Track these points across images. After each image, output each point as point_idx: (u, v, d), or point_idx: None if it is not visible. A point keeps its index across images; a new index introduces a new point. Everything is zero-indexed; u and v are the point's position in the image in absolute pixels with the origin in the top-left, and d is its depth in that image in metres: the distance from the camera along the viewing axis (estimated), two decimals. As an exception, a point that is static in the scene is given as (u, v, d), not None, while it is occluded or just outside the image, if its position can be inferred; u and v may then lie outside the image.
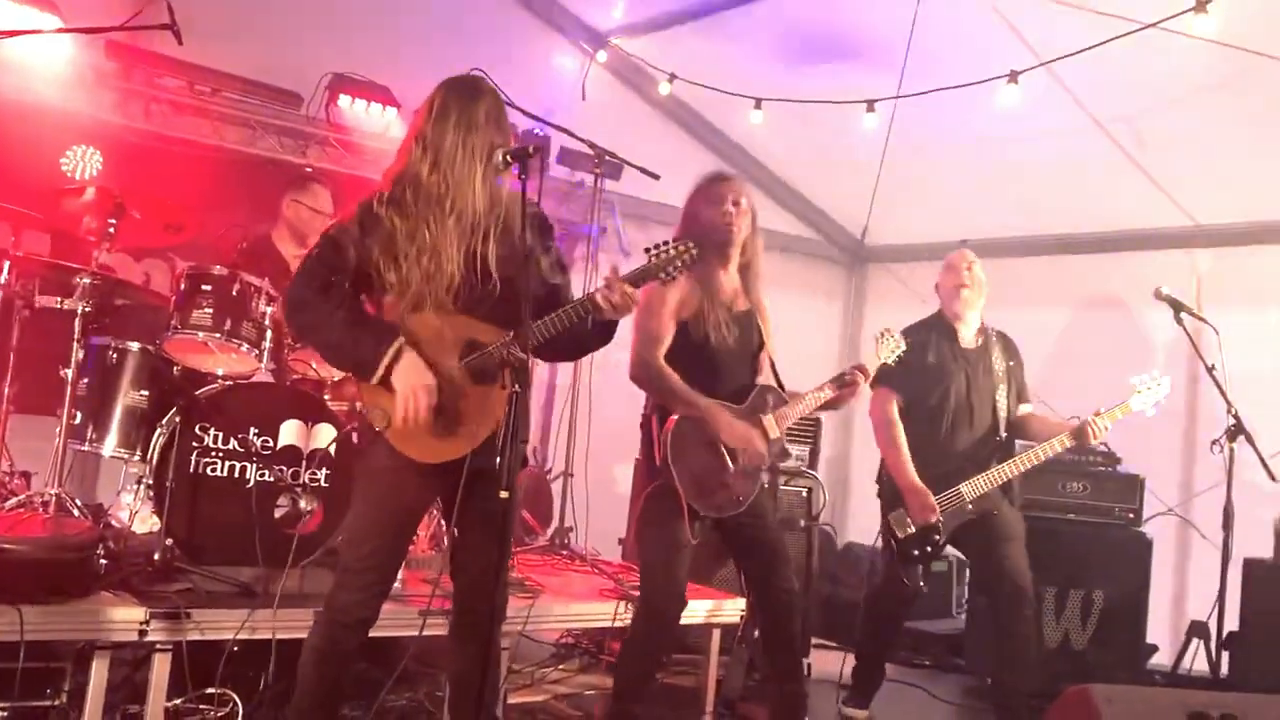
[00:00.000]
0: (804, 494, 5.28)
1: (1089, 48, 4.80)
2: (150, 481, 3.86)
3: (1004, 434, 4.53)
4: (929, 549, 4.36)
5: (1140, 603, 5.18)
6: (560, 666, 4.80)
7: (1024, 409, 4.65)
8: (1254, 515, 4.70)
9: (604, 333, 3.04)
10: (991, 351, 4.59)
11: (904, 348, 4.10)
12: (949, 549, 5.98)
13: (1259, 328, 5.23)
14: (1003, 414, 4.52)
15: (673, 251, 3.03)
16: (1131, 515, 5.26)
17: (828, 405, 3.95)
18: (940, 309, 4.65)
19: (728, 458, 3.70)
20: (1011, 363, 4.63)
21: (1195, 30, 4.62)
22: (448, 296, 2.86)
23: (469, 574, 2.95)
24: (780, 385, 3.94)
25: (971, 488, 4.33)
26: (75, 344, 4.02)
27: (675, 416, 3.66)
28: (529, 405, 2.92)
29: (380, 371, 2.79)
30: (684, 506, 3.60)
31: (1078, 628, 5.17)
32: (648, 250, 3.06)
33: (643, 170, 5.37)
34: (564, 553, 5.17)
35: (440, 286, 2.84)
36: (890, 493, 4.45)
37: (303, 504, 3.93)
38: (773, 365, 3.96)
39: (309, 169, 5.39)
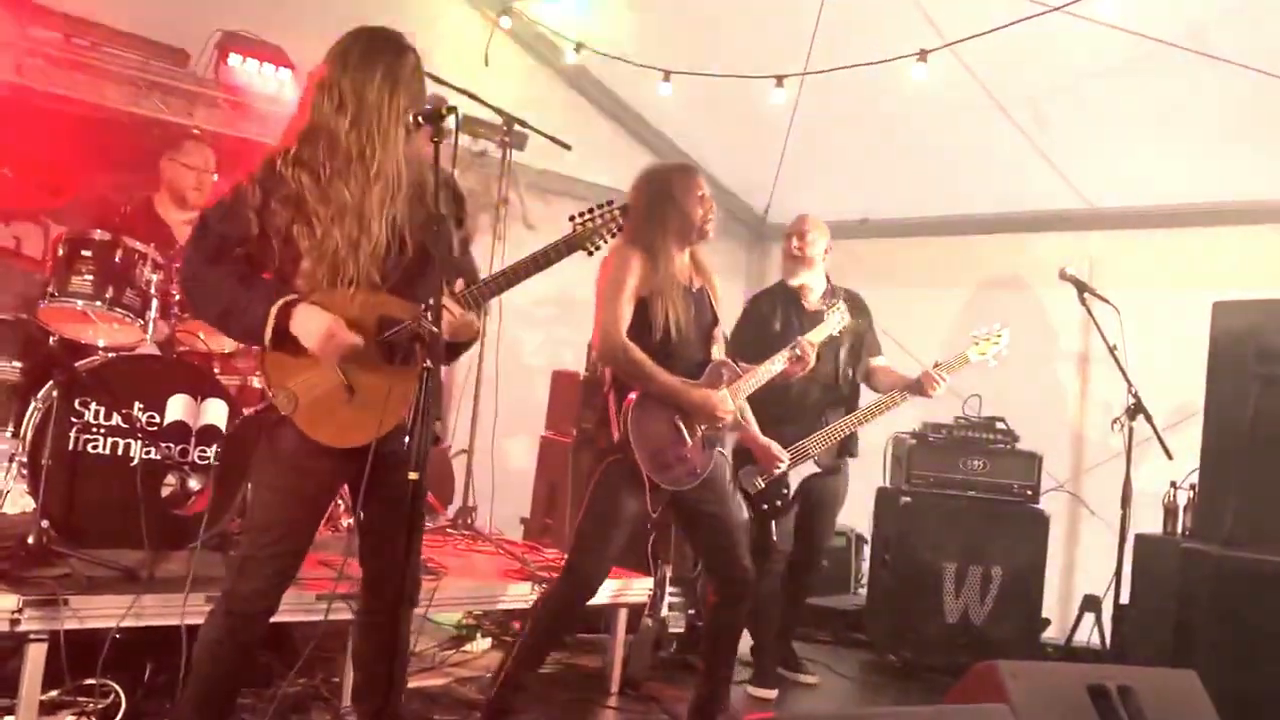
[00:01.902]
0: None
1: (997, 28, 4.83)
2: (24, 460, 3.61)
3: (844, 389, 4.80)
4: (779, 502, 4.55)
5: (1037, 578, 5.29)
6: (462, 649, 4.68)
7: (877, 362, 4.94)
8: (1142, 492, 4.83)
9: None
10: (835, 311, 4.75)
11: (849, 318, 4.29)
12: (850, 525, 6.14)
13: (1147, 310, 5.36)
14: (843, 369, 4.78)
15: (599, 220, 2.93)
16: (1029, 492, 5.36)
17: (780, 377, 4.03)
18: (782, 277, 4.92)
19: (685, 432, 3.72)
20: (859, 320, 4.82)
21: (1099, 15, 4.70)
22: (373, 263, 2.68)
23: (379, 559, 2.82)
24: (733, 358, 3.95)
25: (816, 442, 4.58)
26: (-62, 312, 3.75)
27: (634, 394, 3.64)
28: (440, 382, 2.79)
29: (269, 330, 2.61)
30: (645, 481, 3.61)
31: (976, 603, 5.25)
32: (572, 219, 2.95)
33: (555, 140, 5.24)
34: (467, 533, 5.04)
35: (364, 252, 2.66)
36: (739, 450, 4.56)
37: (191, 483, 3.73)
38: (724, 337, 3.98)
39: (196, 130, 5.11)
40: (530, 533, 5.64)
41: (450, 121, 2.69)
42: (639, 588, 4.44)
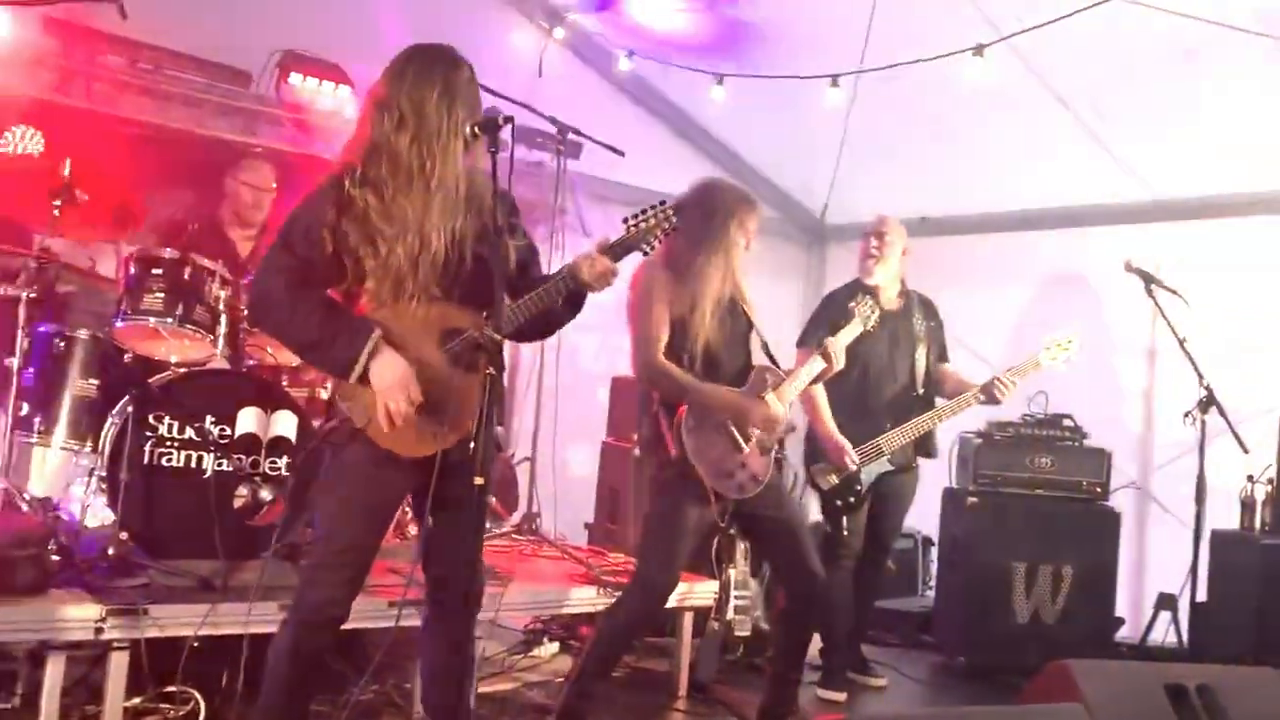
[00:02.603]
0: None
1: (1054, 20, 4.76)
2: (103, 474, 3.72)
3: (921, 390, 4.75)
4: (851, 499, 4.55)
5: (1109, 576, 5.20)
6: (530, 654, 4.71)
7: (943, 367, 4.90)
8: (1213, 488, 4.72)
9: (573, 308, 2.93)
10: (913, 313, 4.82)
11: (877, 313, 4.21)
12: (917, 526, 6.08)
13: (1216, 301, 5.24)
14: (921, 371, 4.75)
15: (652, 220, 2.94)
16: (1099, 489, 5.27)
17: (820, 376, 4.01)
18: (858, 275, 4.85)
19: (739, 439, 3.72)
20: (932, 323, 4.87)
21: (1160, 1, 4.61)
22: (432, 276, 2.71)
23: (444, 564, 2.85)
24: (775, 362, 3.95)
25: (889, 440, 4.56)
26: (20, 332, 3.86)
27: (684, 407, 3.66)
28: (504, 389, 2.82)
29: (358, 371, 2.66)
30: (709, 493, 3.63)
31: (1047, 603, 5.17)
32: (625, 221, 2.95)
33: (608, 147, 5.27)
34: (532, 538, 5.08)
35: (424, 266, 2.69)
36: (811, 447, 4.65)
37: (263, 493, 3.82)
38: (764, 344, 3.96)
39: (258, 149, 5.22)
40: (594, 538, 5.67)
41: (507, 132, 2.72)
42: (704, 591, 4.44)
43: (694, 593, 4.44)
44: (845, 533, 4.54)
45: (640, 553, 3.83)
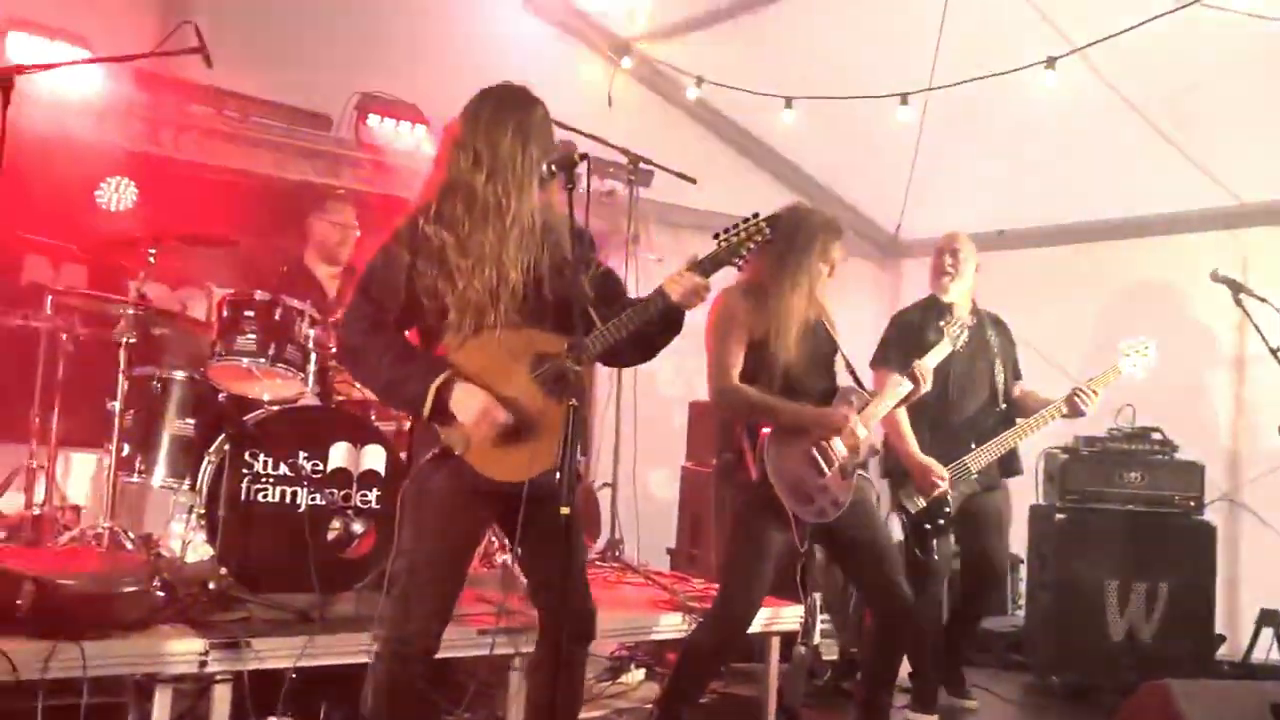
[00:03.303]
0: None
1: (1129, 28, 4.70)
2: (202, 510, 3.84)
3: (1003, 405, 4.70)
4: (940, 521, 4.47)
5: (1207, 592, 5.08)
6: (617, 681, 4.73)
7: (1019, 387, 4.84)
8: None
9: (671, 326, 2.91)
10: (986, 329, 4.77)
11: (966, 333, 4.20)
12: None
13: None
14: (1000, 386, 4.70)
15: (743, 233, 2.91)
16: (1192, 503, 5.15)
17: (908, 398, 3.99)
18: (930, 275, 4.82)
19: (822, 462, 3.73)
20: (1005, 341, 4.82)
21: (1234, 4, 4.53)
22: (513, 307, 2.77)
23: (544, 598, 2.89)
24: (860, 384, 3.95)
25: (975, 459, 4.50)
26: (121, 376, 4.01)
27: (767, 430, 3.67)
28: (587, 418, 2.86)
29: (428, 407, 2.71)
30: (790, 518, 3.64)
31: (1142, 620, 5.06)
32: (716, 235, 2.92)
33: (681, 175, 5.32)
34: (616, 565, 5.11)
35: (504, 298, 2.75)
36: (896, 470, 4.58)
37: (355, 526, 3.91)
38: (849, 365, 3.96)
39: (340, 190, 5.37)
40: (677, 562, 5.68)
41: (582, 169, 2.77)
42: (790, 615, 4.42)
43: (780, 617, 4.42)
44: (934, 556, 4.46)
45: (722, 578, 3.84)
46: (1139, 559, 5.10)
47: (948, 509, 4.49)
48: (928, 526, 4.48)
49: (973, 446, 4.53)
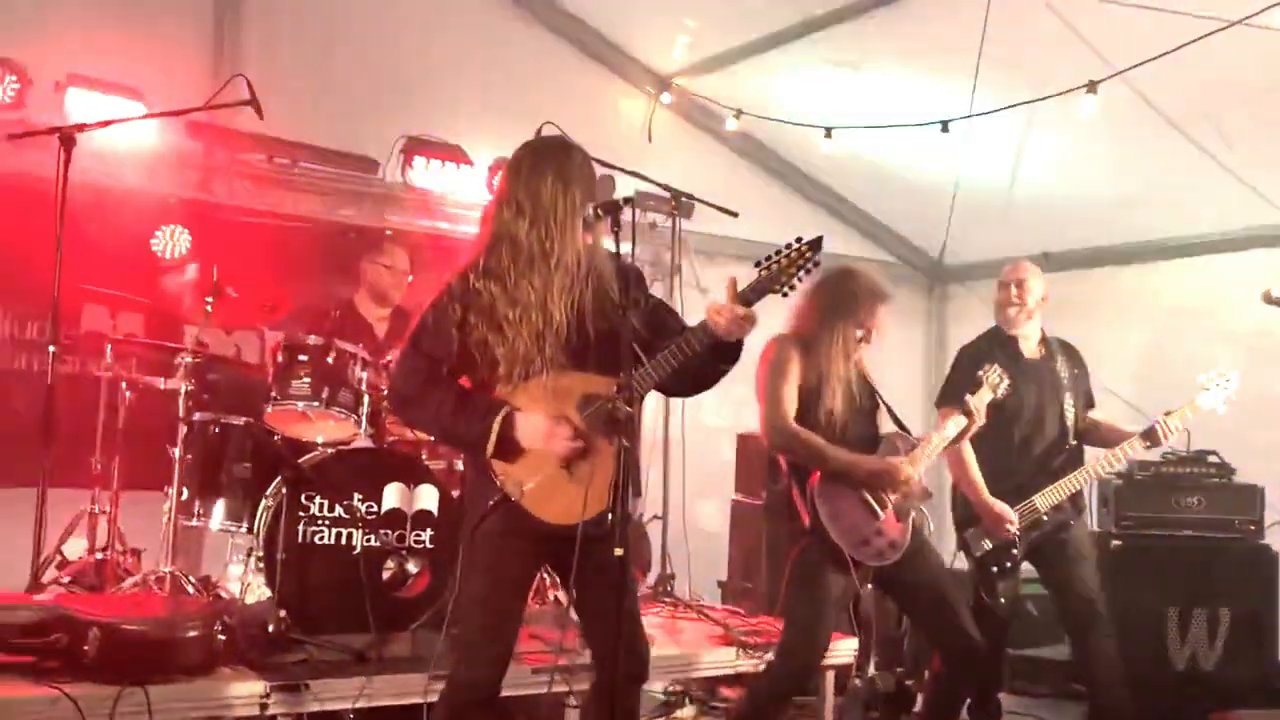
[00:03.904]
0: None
1: (1173, 50, 4.67)
2: (260, 553, 3.90)
3: (1074, 442, 4.49)
4: (1007, 564, 4.32)
5: (1271, 619, 4.97)
6: (671, 716, 4.72)
7: (1092, 416, 4.62)
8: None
9: (722, 358, 2.87)
10: (1055, 360, 4.58)
11: (1008, 381, 4.06)
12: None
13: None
14: (1070, 422, 4.48)
15: (784, 259, 2.82)
16: (1253, 527, 5.05)
17: (961, 435, 3.97)
18: (996, 324, 4.62)
19: (875, 506, 3.73)
20: (1076, 370, 4.60)
21: (1277, 23, 4.49)
22: (560, 349, 2.81)
23: (598, 638, 2.91)
24: (904, 429, 3.94)
25: (1045, 498, 4.31)
26: (180, 422, 4.09)
27: (817, 475, 3.68)
28: (638, 458, 2.88)
29: (492, 442, 2.75)
30: (846, 561, 3.64)
31: (1205, 648, 4.95)
32: (758, 264, 2.84)
33: (721, 209, 5.35)
34: (668, 600, 5.10)
35: (550, 340, 2.79)
36: (964, 510, 4.42)
37: (409, 566, 3.95)
38: (891, 412, 3.97)
39: (389, 232, 5.46)
40: (729, 596, 5.67)
41: (627, 212, 2.80)
42: (845, 649, 4.40)
43: (835, 651, 4.39)
44: (1000, 600, 4.30)
45: (785, 624, 3.83)
46: (1199, 585, 5.00)
47: (1015, 551, 4.31)
48: (994, 569, 4.32)
49: (1042, 485, 4.33)
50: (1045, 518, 4.33)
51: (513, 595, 2.92)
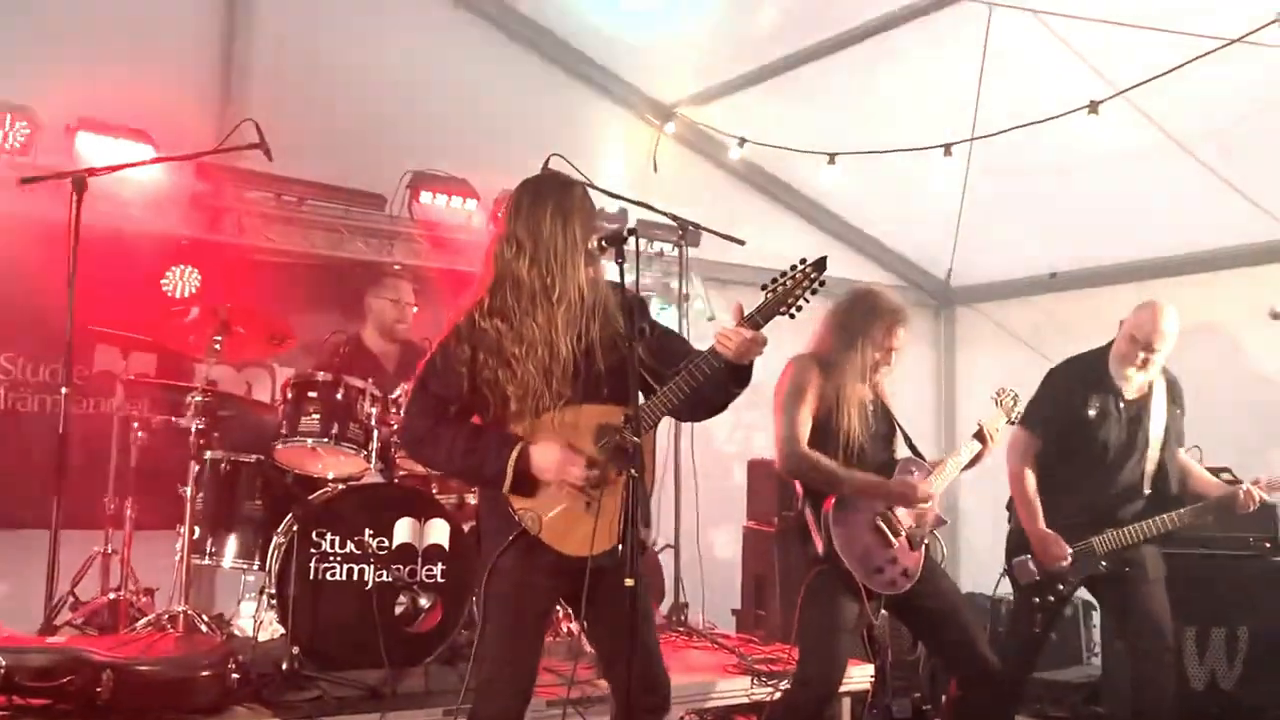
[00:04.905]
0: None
1: (1173, 69, 4.69)
2: (273, 590, 3.90)
3: (1149, 491, 4.22)
4: (1052, 598, 4.14)
5: (1289, 636, 4.93)
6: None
7: (1183, 459, 4.34)
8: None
9: (734, 382, 2.85)
10: (1153, 401, 4.25)
11: (1022, 406, 4.02)
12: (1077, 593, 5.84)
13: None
14: (1150, 472, 4.21)
15: (789, 282, 2.80)
16: (1269, 544, 5.02)
17: (975, 461, 3.96)
18: (1114, 348, 4.24)
19: (889, 533, 3.73)
20: (1176, 409, 4.30)
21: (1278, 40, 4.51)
22: (569, 383, 2.82)
23: (615, 670, 2.91)
24: (919, 455, 3.93)
25: (1103, 542, 4.10)
26: (191, 460, 4.10)
27: (831, 501, 3.68)
28: (648, 488, 2.87)
29: (509, 479, 2.76)
30: (859, 588, 3.63)
31: (1224, 667, 4.92)
32: (764, 287, 2.82)
33: (727, 237, 5.36)
34: (681, 629, 5.08)
35: (558, 375, 2.80)
36: (1017, 539, 4.24)
37: (422, 601, 3.95)
38: (906, 437, 3.96)
39: (396, 267, 5.49)
40: (743, 624, 5.64)
41: (631, 244, 2.81)
42: (860, 675, 4.37)
43: (851, 677, 4.37)
44: (1036, 630, 4.15)
45: (801, 653, 3.80)
46: (1216, 603, 4.98)
47: (1062, 587, 4.12)
48: (1036, 600, 4.14)
49: (1106, 530, 4.12)
50: (1102, 561, 4.11)
51: (533, 630, 2.91)
